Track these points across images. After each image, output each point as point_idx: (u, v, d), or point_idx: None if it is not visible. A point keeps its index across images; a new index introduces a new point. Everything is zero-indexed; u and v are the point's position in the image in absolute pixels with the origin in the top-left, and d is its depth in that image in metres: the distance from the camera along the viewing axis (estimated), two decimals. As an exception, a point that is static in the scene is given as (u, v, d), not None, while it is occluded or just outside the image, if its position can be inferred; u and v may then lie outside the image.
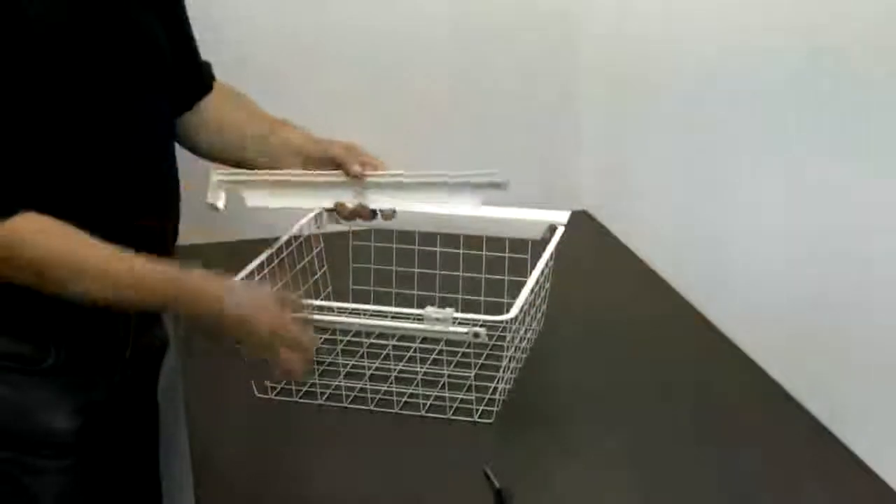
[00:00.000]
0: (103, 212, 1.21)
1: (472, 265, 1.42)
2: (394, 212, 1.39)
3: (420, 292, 1.54)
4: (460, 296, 1.52)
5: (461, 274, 1.44)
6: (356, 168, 1.35)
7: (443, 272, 1.52)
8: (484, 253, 1.49)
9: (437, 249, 1.53)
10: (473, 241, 1.55)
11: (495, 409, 1.36)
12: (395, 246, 1.56)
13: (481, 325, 1.27)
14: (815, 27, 1.58)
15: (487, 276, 1.51)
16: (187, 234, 1.41)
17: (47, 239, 1.14)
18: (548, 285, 1.53)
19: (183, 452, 1.39)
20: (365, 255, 1.57)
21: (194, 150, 1.45)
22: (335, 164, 1.38)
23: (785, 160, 1.76)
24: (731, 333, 1.57)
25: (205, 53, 1.45)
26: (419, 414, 1.37)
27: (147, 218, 1.28)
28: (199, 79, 1.45)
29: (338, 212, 1.38)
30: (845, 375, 1.45)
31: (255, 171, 1.40)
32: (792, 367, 1.46)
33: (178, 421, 1.46)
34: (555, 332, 1.57)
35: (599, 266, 1.88)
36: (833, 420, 1.33)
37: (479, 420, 1.35)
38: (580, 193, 2.13)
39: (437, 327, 1.28)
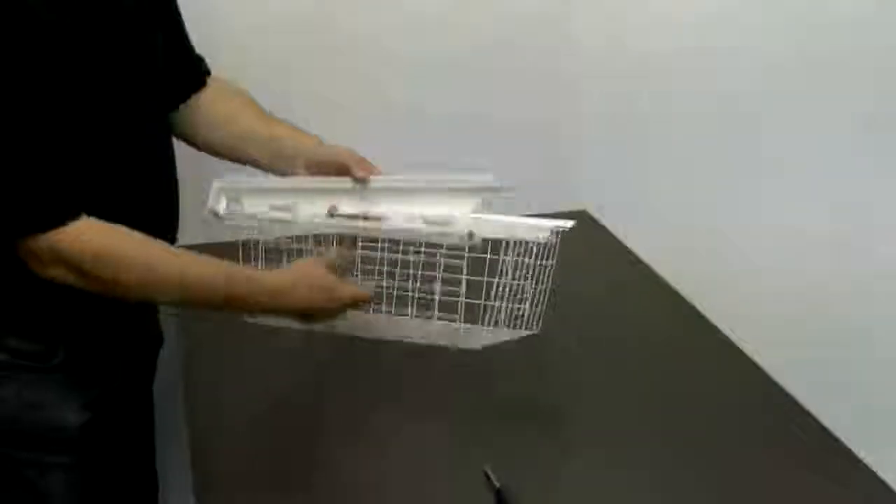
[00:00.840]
0: (101, 210, 1.22)
1: (475, 266, 1.42)
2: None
3: (420, 294, 1.54)
4: (462, 299, 1.52)
5: (463, 277, 1.43)
6: (361, 173, 1.37)
7: (445, 274, 1.52)
8: (488, 256, 1.49)
9: (439, 251, 1.53)
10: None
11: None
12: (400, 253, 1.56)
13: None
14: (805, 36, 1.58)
15: (489, 279, 1.51)
16: (187, 233, 1.41)
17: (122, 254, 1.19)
18: (549, 284, 1.52)
19: (180, 444, 1.39)
20: (370, 264, 1.57)
21: (193, 144, 1.46)
22: (339, 168, 1.38)
23: (785, 161, 1.76)
24: (731, 333, 1.57)
25: (200, 47, 1.47)
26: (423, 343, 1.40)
27: (145, 218, 1.29)
28: (193, 72, 1.46)
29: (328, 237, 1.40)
30: (846, 375, 1.45)
31: (256, 178, 1.42)
32: (792, 368, 1.46)
33: (176, 413, 1.46)
34: (554, 332, 1.57)
35: (599, 266, 1.88)
36: (833, 419, 1.34)
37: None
38: (580, 193, 2.13)
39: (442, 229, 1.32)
